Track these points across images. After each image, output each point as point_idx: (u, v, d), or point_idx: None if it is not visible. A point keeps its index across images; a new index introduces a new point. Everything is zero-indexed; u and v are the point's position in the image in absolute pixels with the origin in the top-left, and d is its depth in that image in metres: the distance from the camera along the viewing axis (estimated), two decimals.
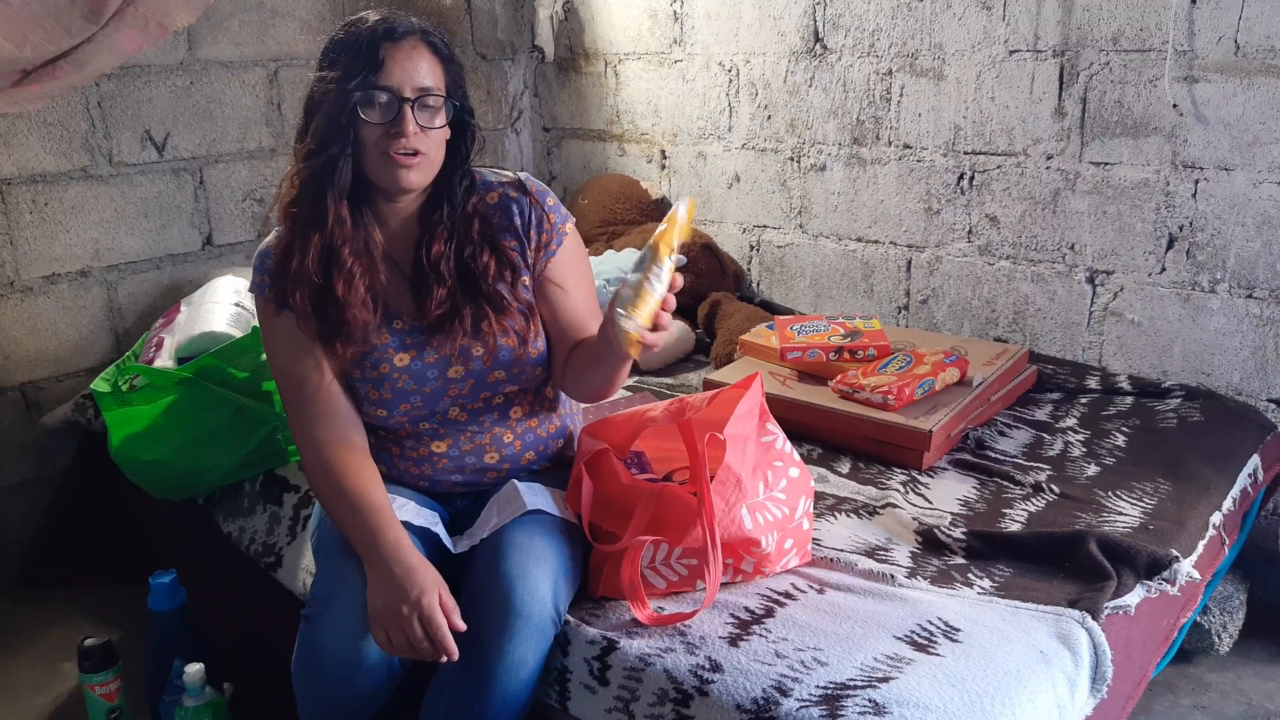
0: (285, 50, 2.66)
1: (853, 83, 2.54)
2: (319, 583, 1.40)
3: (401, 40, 1.35)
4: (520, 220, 1.48)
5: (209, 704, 1.66)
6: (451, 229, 1.45)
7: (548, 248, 1.49)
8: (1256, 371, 2.11)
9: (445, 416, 1.50)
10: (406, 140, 1.34)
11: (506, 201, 1.48)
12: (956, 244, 2.47)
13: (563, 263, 1.51)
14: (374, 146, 1.36)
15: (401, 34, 1.36)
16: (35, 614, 2.24)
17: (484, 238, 1.45)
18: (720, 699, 1.24)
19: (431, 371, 1.47)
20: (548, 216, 1.49)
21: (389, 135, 1.35)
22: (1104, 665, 1.33)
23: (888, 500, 1.71)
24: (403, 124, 1.34)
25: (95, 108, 2.37)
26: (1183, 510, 1.67)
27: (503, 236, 1.47)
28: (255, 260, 1.47)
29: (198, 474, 1.92)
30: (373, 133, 1.35)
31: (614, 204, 2.93)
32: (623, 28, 2.98)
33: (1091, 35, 2.16)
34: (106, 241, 2.44)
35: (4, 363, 2.34)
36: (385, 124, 1.35)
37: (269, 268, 1.45)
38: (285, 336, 1.44)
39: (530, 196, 1.49)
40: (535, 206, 1.49)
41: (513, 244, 1.48)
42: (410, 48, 1.36)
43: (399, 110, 1.34)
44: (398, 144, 1.35)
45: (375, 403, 1.47)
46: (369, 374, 1.46)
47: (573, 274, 1.52)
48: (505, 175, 1.52)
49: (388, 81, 1.34)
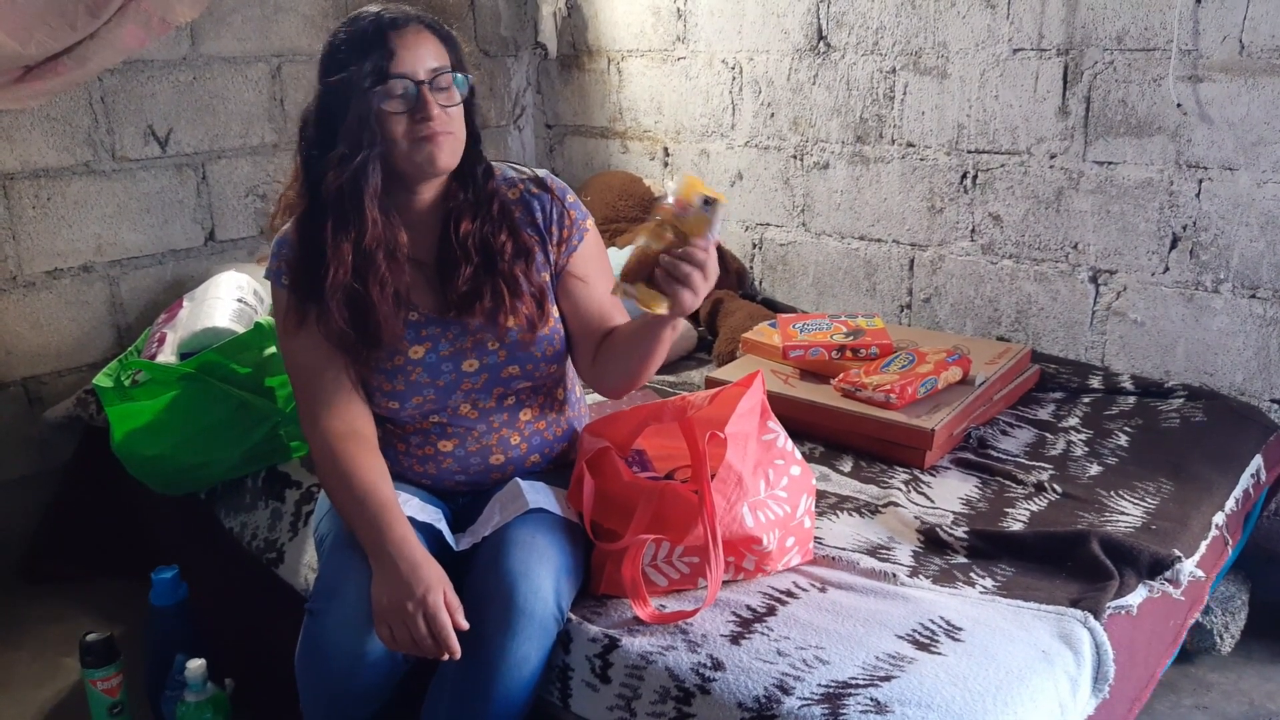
0: (288, 45, 2.66)
1: (856, 81, 2.54)
2: (323, 577, 1.40)
3: (405, 27, 1.37)
4: (541, 216, 1.50)
5: (210, 699, 1.66)
6: (475, 209, 1.47)
7: (569, 242, 1.51)
8: (1259, 372, 2.10)
9: (456, 412, 1.50)
10: (433, 122, 1.36)
11: (528, 198, 1.51)
12: (959, 243, 2.47)
13: (585, 256, 1.53)
14: (403, 136, 1.37)
15: (404, 21, 1.38)
16: (37, 609, 2.24)
17: (503, 218, 1.48)
18: (722, 697, 1.24)
19: (446, 365, 1.47)
20: (568, 212, 1.51)
21: (414, 121, 1.36)
22: (1106, 665, 1.32)
23: (890, 499, 1.71)
24: (426, 107, 1.36)
25: (98, 103, 2.37)
26: (1185, 510, 1.67)
27: (523, 230, 1.49)
28: (273, 247, 1.48)
29: (200, 469, 1.92)
30: (399, 123, 1.36)
31: (616, 201, 2.93)
32: (626, 25, 2.98)
33: (1096, 34, 2.16)
34: (109, 237, 2.44)
35: (6, 358, 2.34)
36: (408, 111, 1.36)
37: (288, 256, 1.45)
38: (301, 329, 1.45)
39: (551, 193, 1.51)
40: (556, 203, 1.51)
41: (534, 239, 1.50)
42: (415, 32, 1.38)
43: (418, 94, 1.36)
44: (425, 127, 1.36)
45: (388, 394, 1.47)
46: (383, 365, 1.46)
47: (595, 267, 1.54)
48: (525, 171, 1.54)
49: (401, 69, 1.35)
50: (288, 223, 1.47)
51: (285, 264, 1.45)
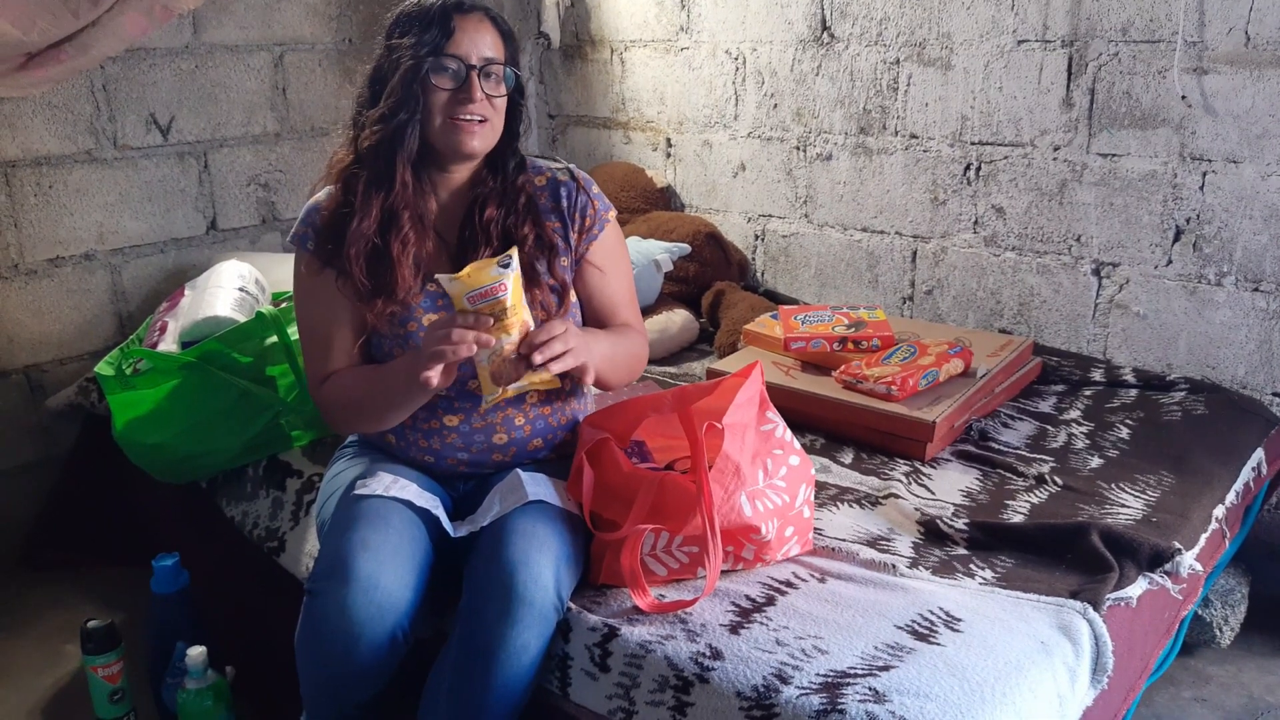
0: (290, 34, 2.66)
1: (860, 72, 2.53)
2: (323, 557, 1.40)
3: (470, 13, 1.46)
4: (567, 203, 1.56)
5: (211, 687, 1.66)
6: (501, 198, 1.53)
7: (590, 231, 1.57)
8: (1262, 365, 2.10)
9: (464, 387, 1.51)
10: (474, 105, 1.44)
11: (555, 185, 1.57)
12: (962, 235, 2.46)
13: (604, 247, 1.59)
14: (441, 111, 1.45)
15: (469, 7, 1.47)
16: (38, 596, 2.25)
17: (528, 211, 1.53)
18: (721, 686, 1.24)
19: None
20: (592, 203, 1.58)
21: (456, 101, 1.45)
22: (1105, 656, 1.33)
23: (890, 490, 1.71)
24: (470, 90, 1.44)
25: (100, 91, 2.36)
26: (1186, 503, 1.67)
27: (547, 217, 1.55)
28: (302, 213, 1.55)
29: (201, 458, 1.93)
30: (441, 98, 1.44)
31: (619, 192, 2.92)
32: (629, 15, 2.97)
33: (1100, 26, 2.15)
34: (111, 225, 2.44)
35: (8, 345, 2.34)
36: (454, 90, 1.44)
37: (315, 222, 1.52)
38: (321, 292, 1.51)
39: (577, 183, 1.59)
40: (581, 192, 1.57)
41: (556, 225, 1.55)
42: (478, 20, 1.47)
43: (467, 77, 1.44)
44: (465, 109, 1.44)
45: None
46: (396, 331, 1.51)
47: (613, 259, 1.61)
48: (555, 162, 1.61)
49: (457, 50, 1.44)
50: (321, 190, 1.54)
51: (312, 229, 1.52)
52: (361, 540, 1.35)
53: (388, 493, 1.43)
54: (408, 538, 1.38)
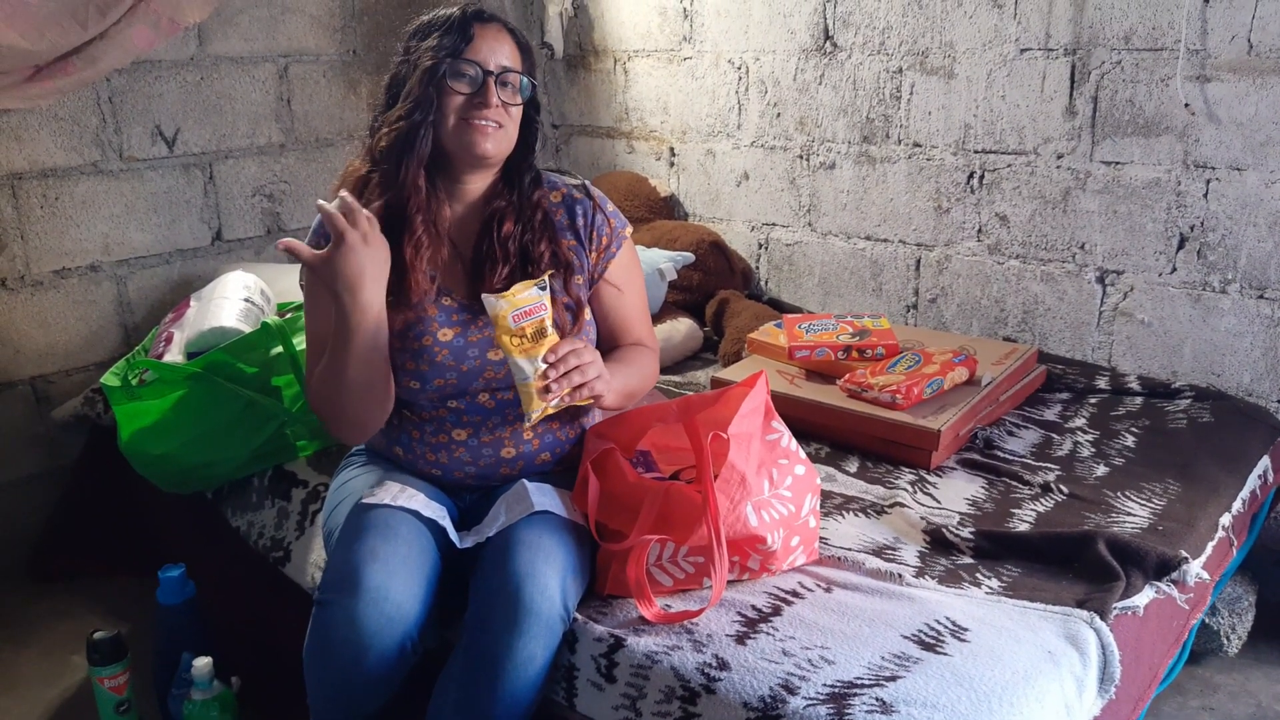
0: (295, 46, 2.67)
1: (863, 81, 2.54)
2: (331, 568, 1.40)
3: (489, 23, 1.48)
4: (583, 221, 1.56)
5: (217, 697, 1.66)
6: (519, 214, 1.53)
7: (608, 250, 1.58)
8: (1267, 372, 2.10)
9: (474, 400, 1.51)
10: (489, 110, 1.45)
11: (571, 202, 1.57)
12: (966, 243, 2.46)
13: (622, 265, 1.60)
14: (456, 114, 1.45)
15: (489, 17, 1.49)
16: (44, 606, 2.25)
17: (544, 228, 1.53)
18: (727, 697, 1.24)
19: (472, 350, 1.49)
20: (609, 221, 1.59)
21: (472, 105, 1.45)
22: (1112, 666, 1.32)
23: (896, 499, 1.71)
24: (486, 95, 1.45)
25: (106, 103, 2.37)
26: (1192, 511, 1.66)
27: (563, 235, 1.55)
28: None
29: (206, 468, 1.93)
30: (457, 100, 1.45)
31: (622, 201, 2.92)
32: (632, 25, 2.98)
33: (1103, 34, 2.15)
34: (116, 236, 2.45)
35: (14, 356, 2.35)
36: (470, 94, 1.45)
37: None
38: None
39: (593, 201, 1.58)
40: (598, 211, 1.58)
41: (572, 243, 1.55)
42: (496, 30, 1.48)
43: (484, 82, 1.45)
44: (480, 113, 1.45)
45: (410, 373, 1.50)
46: (410, 344, 1.49)
47: (629, 276, 1.62)
48: (570, 178, 1.61)
49: (475, 56, 1.45)
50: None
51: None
52: (370, 550, 1.35)
53: (395, 502, 1.43)
54: (416, 548, 1.38)
